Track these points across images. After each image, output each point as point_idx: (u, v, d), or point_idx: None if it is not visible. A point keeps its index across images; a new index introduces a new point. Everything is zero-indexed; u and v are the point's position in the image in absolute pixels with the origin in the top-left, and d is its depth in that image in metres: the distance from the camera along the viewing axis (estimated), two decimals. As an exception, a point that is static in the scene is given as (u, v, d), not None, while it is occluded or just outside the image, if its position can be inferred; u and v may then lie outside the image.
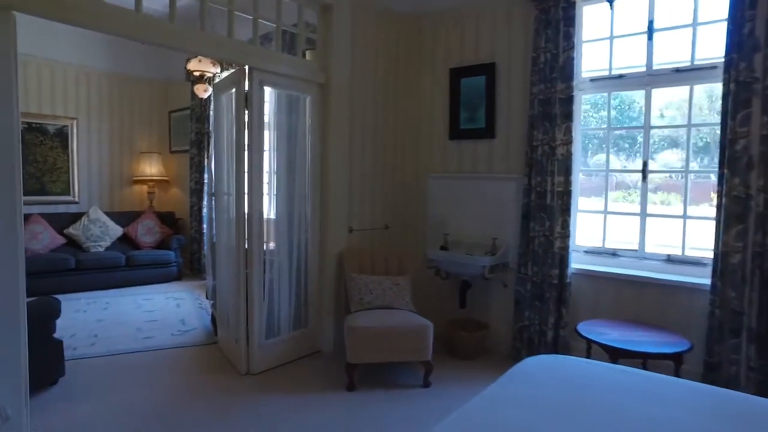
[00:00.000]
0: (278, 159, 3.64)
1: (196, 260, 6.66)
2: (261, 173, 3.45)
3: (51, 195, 6.44)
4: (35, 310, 3.00)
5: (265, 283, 3.53)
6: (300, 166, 3.77)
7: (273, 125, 3.61)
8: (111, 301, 5.33)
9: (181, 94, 7.11)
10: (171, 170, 7.39)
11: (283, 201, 3.65)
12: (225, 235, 3.82)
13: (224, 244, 3.85)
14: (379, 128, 4.29)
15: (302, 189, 3.78)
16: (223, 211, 3.83)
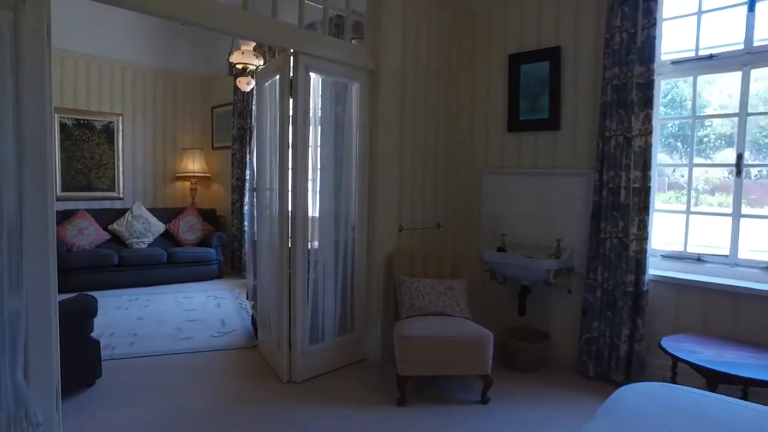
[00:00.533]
0: (323, 152, 3.39)
1: (237, 258, 6.53)
2: (306, 167, 3.21)
3: (97, 191, 6.44)
4: (71, 308, 2.85)
5: (309, 284, 3.28)
6: (346, 160, 3.51)
7: (318, 116, 3.36)
8: (152, 298, 5.24)
9: (223, 89, 7.02)
10: (213, 166, 7.31)
11: (328, 197, 3.40)
12: (267, 232, 3.61)
13: (266, 243, 3.63)
14: (430, 120, 3.98)
15: (349, 184, 3.52)
16: (265, 208, 3.62)
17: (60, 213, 5.86)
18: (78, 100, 6.25)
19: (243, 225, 6.36)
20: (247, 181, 6.34)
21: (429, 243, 4.02)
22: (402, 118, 3.71)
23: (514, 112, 3.93)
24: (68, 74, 6.16)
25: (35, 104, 2.07)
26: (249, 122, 6.33)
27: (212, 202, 7.33)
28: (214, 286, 5.90)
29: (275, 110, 3.36)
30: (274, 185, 3.37)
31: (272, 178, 3.42)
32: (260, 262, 3.78)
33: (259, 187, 3.68)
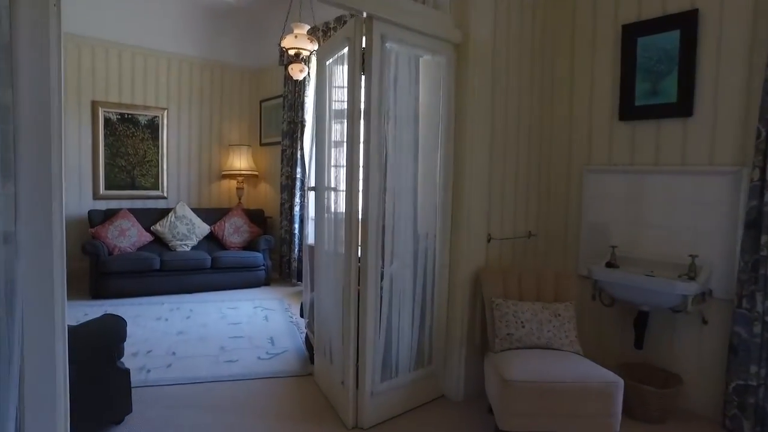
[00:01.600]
0: (398, 144, 2.74)
1: (285, 264, 6.00)
2: (382, 160, 2.58)
3: (140, 189, 6.07)
4: (95, 332, 2.34)
5: (382, 305, 2.65)
6: (426, 154, 2.85)
7: (393, 100, 2.71)
8: (194, 308, 4.76)
9: (273, 81, 6.54)
10: (261, 164, 6.83)
11: (405, 200, 2.75)
12: (327, 240, 3.01)
13: (325, 252, 3.04)
14: (524, 107, 3.29)
15: (428, 184, 2.86)
16: (325, 210, 3.02)
17: (102, 213, 5.50)
18: (123, 94, 5.89)
19: (293, 227, 5.83)
20: (297, 179, 5.81)
21: (519, 255, 3.33)
22: (493, 105, 3.03)
23: (627, 97, 3.18)
24: (113, 66, 5.80)
25: (30, 80, 1.53)
26: (300, 115, 5.80)
27: (260, 203, 6.86)
28: (262, 295, 5.38)
29: (342, 92, 2.76)
30: (339, 185, 2.77)
31: (337, 176, 2.82)
32: (319, 275, 3.18)
33: (318, 186, 3.08)
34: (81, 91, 5.64)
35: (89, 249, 4.95)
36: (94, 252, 4.96)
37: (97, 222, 5.40)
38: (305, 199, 5.78)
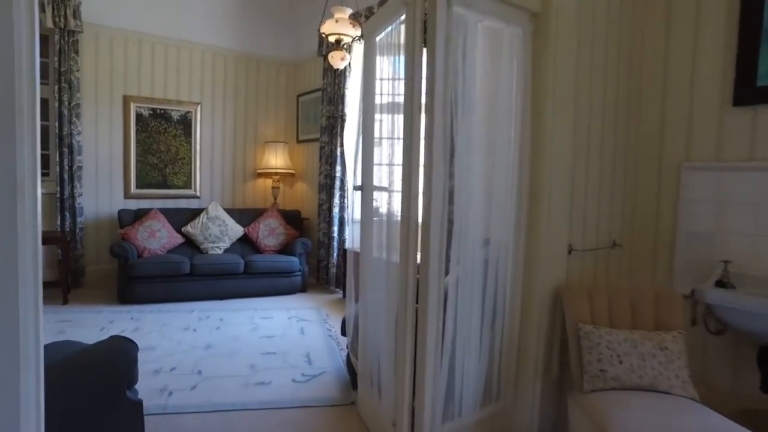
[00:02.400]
0: (466, 136, 2.23)
1: (323, 269, 5.59)
2: (446, 155, 2.08)
3: (172, 188, 5.79)
4: (99, 360, 1.94)
5: (444, 330, 2.16)
6: (499, 147, 2.34)
7: (460, 81, 2.20)
8: (225, 317, 4.39)
9: (311, 75, 6.15)
10: (298, 162, 6.45)
11: (472, 202, 2.25)
12: (376, 245, 2.55)
13: (373, 259, 2.58)
14: (609, 94, 2.73)
15: (501, 183, 2.35)
16: (373, 213, 2.55)
17: (133, 213, 5.22)
18: (155, 88, 5.62)
19: (331, 230, 5.40)
20: (336, 178, 5.38)
21: (601, 269, 2.77)
22: (576, 87, 2.49)
23: (746, 75, 2.57)
24: (145, 59, 5.53)
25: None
26: (341, 109, 5.37)
27: (296, 203, 6.48)
28: (297, 303, 4.98)
29: (396, 69, 2.30)
30: (391, 182, 2.30)
31: (391, 173, 2.35)
32: (364, 285, 2.72)
33: (365, 185, 2.62)
34: (113, 85, 5.39)
35: (117, 251, 4.65)
36: (123, 254, 4.67)
37: (127, 222, 5.13)
38: (345, 199, 5.35)
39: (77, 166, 5.11)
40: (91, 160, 5.30)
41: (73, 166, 5.08)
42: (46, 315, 4.27)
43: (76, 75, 5.06)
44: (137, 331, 3.91)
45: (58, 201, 5.04)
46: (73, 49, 5.02)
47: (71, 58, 5.01)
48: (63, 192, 5.04)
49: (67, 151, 5.03)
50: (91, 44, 5.24)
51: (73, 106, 5.04)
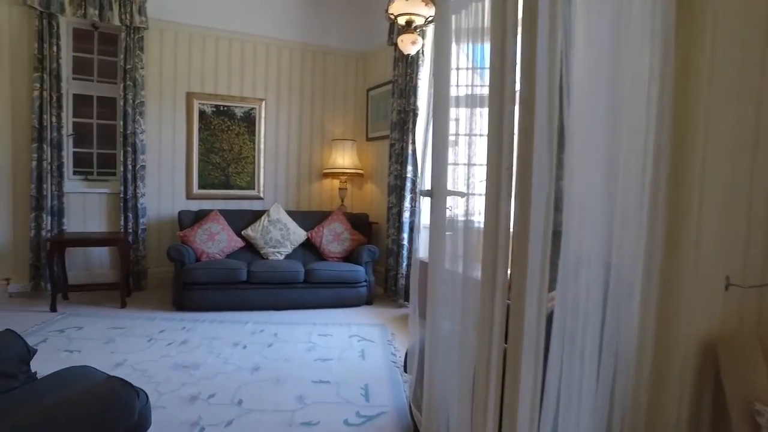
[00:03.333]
0: (572, 128, 1.55)
1: (391, 279, 5.03)
2: (551, 151, 1.42)
3: (235, 188, 5.51)
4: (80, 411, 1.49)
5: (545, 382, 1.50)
6: (626, 142, 1.64)
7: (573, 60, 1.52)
8: (280, 332, 3.96)
9: (381, 67, 5.64)
10: (367, 161, 5.96)
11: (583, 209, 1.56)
12: (449, 255, 1.98)
13: (444, 274, 2.01)
14: None
15: (628, 189, 1.64)
16: (444, 220, 1.95)
17: (193, 214, 4.98)
18: (219, 85, 5.37)
19: (401, 237, 4.84)
20: (407, 179, 4.82)
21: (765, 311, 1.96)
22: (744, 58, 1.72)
23: None
24: (209, 55, 5.29)
25: None
26: (412, 102, 4.80)
27: (365, 206, 5.99)
28: (361, 318, 4.46)
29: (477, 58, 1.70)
30: (473, 187, 1.69)
31: (469, 177, 1.74)
32: (433, 304, 2.13)
33: (437, 188, 2.01)
34: (176, 82, 5.20)
35: (173, 255, 4.39)
36: (179, 258, 4.40)
37: (187, 224, 4.88)
38: (417, 203, 4.76)
39: (140, 166, 4.94)
40: (153, 160, 5.13)
41: (136, 166, 4.92)
42: (101, 319, 4.08)
43: (141, 72, 4.90)
44: (184, 344, 3.57)
45: (122, 201, 4.89)
46: (138, 46, 4.87)
47: (136, 55, 4.86)
48: (126, 192, 4.89)
49: (130, 150, 4.88)
50: (156, 41, 5.07)
51: (137, 104, 4.89)
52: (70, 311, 4.30)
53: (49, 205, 4.64)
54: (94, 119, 5.07)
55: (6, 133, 4.63)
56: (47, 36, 4.56)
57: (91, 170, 5.09)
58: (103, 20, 4.73)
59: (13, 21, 4.58)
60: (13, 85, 4.62)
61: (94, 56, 5.04)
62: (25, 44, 4.60)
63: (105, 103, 5.04)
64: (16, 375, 2.00)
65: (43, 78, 4.56)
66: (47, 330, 3.80)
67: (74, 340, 3.59)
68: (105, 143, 5.08)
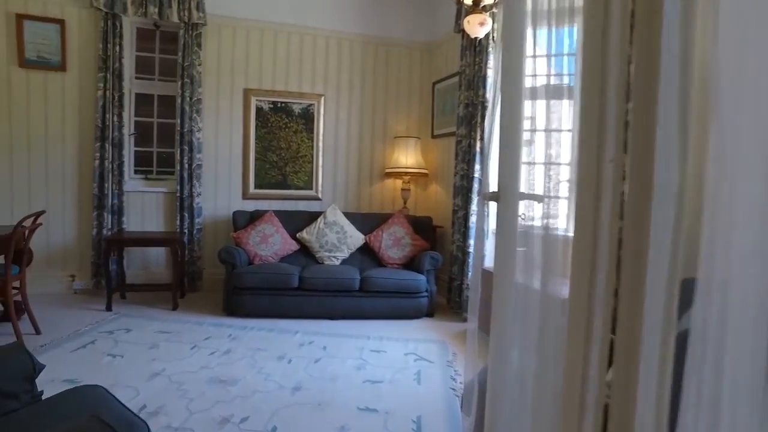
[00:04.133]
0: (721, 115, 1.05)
1: (455, 290, 4.56)
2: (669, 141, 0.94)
3: (292, 188, 5.28)
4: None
5: None
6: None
7: None
8: (330, 345, 3.62)
9: (448, 58, 5.19)
10: (432, 160, 5.53)
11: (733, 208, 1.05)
12: (523, 266, 1.56)
13: (516, 292, 1.57)
14: None
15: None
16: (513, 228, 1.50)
17: (248, 215, 4.79)
18: (277, 80, 5.16)
19: (467, 243, 4.36)
20: (475, 179, 4.33)
21: None
22: None
23: None
24: (267, 49, 5.11)
25: None
26: (481, 94, 4.32)
27: (429, 208, 5.56)
28: (419, 332, 4.03)
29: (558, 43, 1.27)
30: (554, 190, 1.25)
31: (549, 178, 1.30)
32: (498, 327, 1.68)
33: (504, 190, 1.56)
34: (234, 79, 5.05)
35: (224, 257, 4.20)
36: (230, 261, 4.20)
37: (242, 225, 4.70)
38: (482, 206, 4.27)
39: (196, 165, 4.83)
40: (210, 158, 5.01)
41: (192, 165, 4.81)
42: (151, 322, 3.96)
43: (198, 69, 4.79)
44: (227, 355, 3.32)
45: (178, 200, 4.80)
46: (195, 42, 4.76)
47: (194, 52, 4.75)
48: (182, 191, 4.80)
49: (187, 149, 4.78)
50: (214, 37, 4.95)
51: (194, 102, 4.78)
52: (124, 311, 4.23)
53: (109, 203, 4.63)
54: (154, 118, 5.04)
55: (73, 133, 4.68)
56: (111, 36, 4.56)
57: (151, 169, 5.06)
58: (162, 18, 4.66)
59: (82, 23, 4.63)
60: (80, 85, 4.66)
61: (155, 55, 5.00)
62: (92, 45, 4.63)
63: (165, 101, 4.99)
64: (17, 395, 1.78)
65: (107, 78, 4.56)
66: (97, 331, 3.72)
67: (120, 344, 3.46)
68: (165, 142, 5.03)
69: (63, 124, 4.66)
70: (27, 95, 4.56)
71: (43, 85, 4.59)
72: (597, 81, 1.00)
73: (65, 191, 4.70)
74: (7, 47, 4.48)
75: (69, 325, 3.81)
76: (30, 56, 4.55)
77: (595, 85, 1.00)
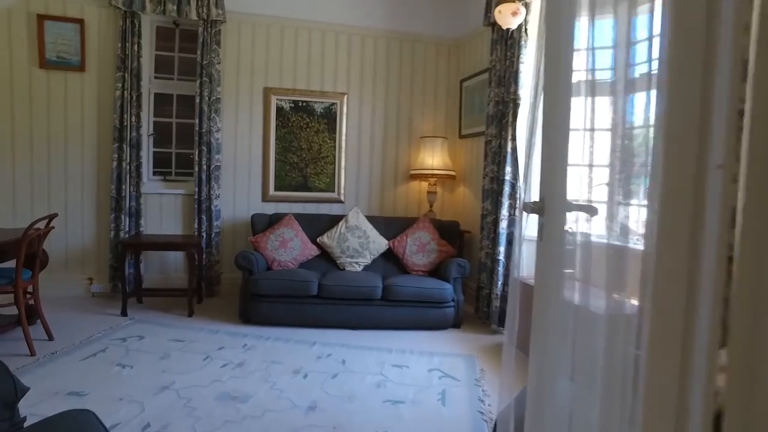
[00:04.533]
0: None
1: (483, 300, 4.28)
2: None
3: (313, 191, 5.09)
4: None
5: None
6: None
7: None
8: (350, 357, 3.40)
9: (476, 54, 4.93)
10: (459, 162, 5.26)
11: None
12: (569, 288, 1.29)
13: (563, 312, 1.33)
14: None
15: None
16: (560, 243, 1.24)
17: (268, 218, 4.62)
18: (298, 79, 4.98)
19: (497, 251, 4.07)
20: (506, 182, 4.05)
21: None
22: None
23: None
24: (288, 47, 4.93)
25: None
26: (513, 91, 4.04)
27: (456, 212, 5.30)
28: (445, 345, 3.77)
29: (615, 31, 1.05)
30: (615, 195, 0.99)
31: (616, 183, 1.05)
32: (539, 357, 1.44)
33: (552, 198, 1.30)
34: (254, 77, 4.89)
35: (241, 262, 4.03)
36: (247, 266, 4.03)
37: (260, 228, 4.53)
38: (518, 211, 3.99)
39: (215, 166, 4.69)
40: (229, 159, 4.87)
41: (211, 166, 4.67)
42: (165, 329, 3.81)
43: (217, 68, 4.65)
44: (240, 368, 3.13)
45: (196, 203, 4.67)
46: (214, 40, 4.62)
47: (213, 50, 4.61)
48: (200, 193, 4.66)
49: (205, 150, 4.64)
50: (233, 34, 4.81)
51: (212, 101, 4.64)
52: (139, 316, 4.11)
53: (127, 205, 4.53)
54: (173, 118, 4.92)
55: (92, 134, 4.60)
56: (129, 35, 4.46)
57: (170, 170, 4.95)
58: (180, 15, 4.54)
59: (101, 22, 4.55)
60: (99, 85, 4.58)
61: (175, 54, 4.89)
62: (111, 45, 4.54)
63: (185, 101, 4.87)
64: (-5, 421, 1.62)
65: (125, 77, 4.46)
66: (110, 338, 3.59)
67: (131, 353, 3.32)
68: (184, 143, 4.91)
69: (82, 125, 4.58)
70: (47, 96, 4.51)
71: (63, 86, 4.53)
72: (696, 64, 0.75)
73: (84, 193, 4.62)
74: (29, 49, 4.43)
75: (83, 331, 3.70)
76: (50, 57, 4.49)
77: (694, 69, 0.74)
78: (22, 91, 4.44)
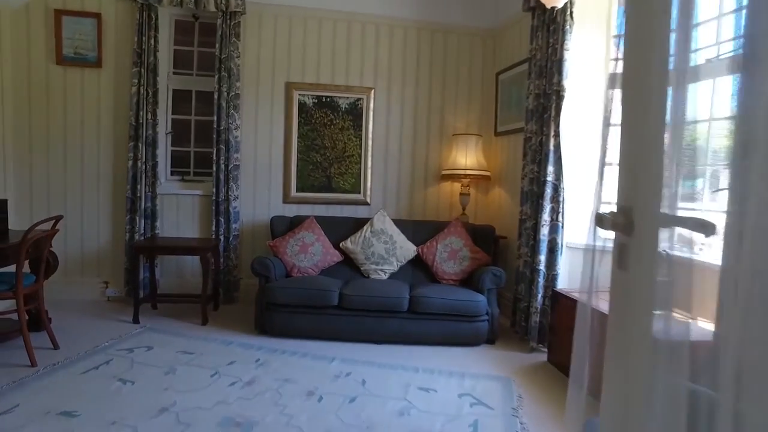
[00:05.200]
0: None
1: (521, 313, 3.86)
2: None
3: (338, 192, 4.78)
4: None
5: None
6: None
7: None
8: (371, 377, 3.05)
9: (514, 44, 4.53)
10: (495, 161, 4.85)
11: None
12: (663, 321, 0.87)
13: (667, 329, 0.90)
14: None
15: None
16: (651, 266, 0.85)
17: (288, 220, 4.34)
18: (321, 73, 4.68)
19: (537, 259, 3.65)
20: (548, 183, 3.63)
21: None
22: None
23: None
24: (311, 39, 4.64)
25: None
26: (556, 82, 3.62)
27: (490, 216, 4.89)
28: (477, 364, 3.38)
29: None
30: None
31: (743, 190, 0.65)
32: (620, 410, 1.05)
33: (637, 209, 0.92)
34: (275, 71, 4.62)
35: (257, 268, 3.75)
36: (264, 273, 3.75)
37: (280, 232, 4.24)
38: (561, 216, 3.58)
39: (233, 165, 4.43)
40: (249, 158, 4.61)
41: (229, 165, 4.41)
42: (176, 339, 3.57)
43: (236, 62, 4.39)
44: (249, 387, 2.83)
45: (213, 204, 4.42)
46: (234, 33, 4.37)
47: (231, 43, 4.36)
48: (218, 194, 4.41)
49: (223, 148, 4.39)
50: (254, 26, 4.55)
51: (231, 97, 4.38)
52: (151, 324, 3.88)
53: (142, 207, 4.33)
54: (192, 115, 4.70)
55: (108, 132, 4.43)
56: (146, 29, 4.26)
57: (188, 170, 4.73)
58: (198, 7, 4.31)
59: (118, 16, 4.38)
60: (116, 82, 4.41)
61: (194, 49, 4.67)
62: (128, 40, 4.36)
63: (204, 98, 4.65)
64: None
65: (141, 73, 4.26)
66: (117, 347, 3.37)
67: (136, 366, 3.08)
68: (203, 141, 4.68)
69: (98, 123, 4.41)
70: (64, 93, 4.36)
71: (79, 83, 4.37)
72: None
73: (100, 193, 4.45)
74: (46, 45, 4.29)
75: (90, 339, 3.49)
76: (67, 53, 4.34)
77: None
78: (39, 89, 4.31)
